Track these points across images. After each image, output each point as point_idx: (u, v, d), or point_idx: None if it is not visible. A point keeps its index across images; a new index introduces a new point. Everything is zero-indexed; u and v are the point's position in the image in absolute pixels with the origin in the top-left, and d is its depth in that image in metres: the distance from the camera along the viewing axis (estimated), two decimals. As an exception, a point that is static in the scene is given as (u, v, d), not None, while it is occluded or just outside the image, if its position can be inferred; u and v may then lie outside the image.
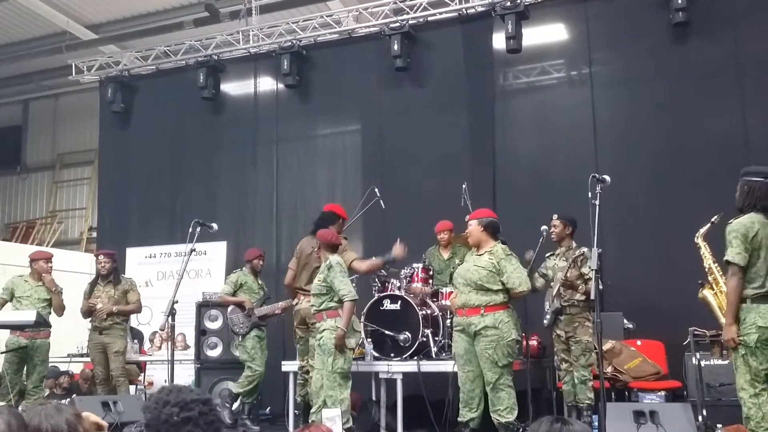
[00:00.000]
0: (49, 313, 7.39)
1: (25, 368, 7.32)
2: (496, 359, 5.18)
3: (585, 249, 5.80)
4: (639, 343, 6.73)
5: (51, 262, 7.57)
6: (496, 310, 5.30)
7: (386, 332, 6.55)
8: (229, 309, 7.33)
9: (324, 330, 5.71)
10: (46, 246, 14.22)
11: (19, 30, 12.73)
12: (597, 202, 4.45)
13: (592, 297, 4.41)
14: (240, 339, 7.29)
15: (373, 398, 6.99)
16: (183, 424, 2.06)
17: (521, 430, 5.42)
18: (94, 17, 12.31)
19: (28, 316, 7.01)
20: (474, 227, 5.41)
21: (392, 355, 6.49)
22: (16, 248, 11.36)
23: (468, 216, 5.47)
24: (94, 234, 13.60)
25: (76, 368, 9.28)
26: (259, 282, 7.52)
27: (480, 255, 5.40)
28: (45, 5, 11.66)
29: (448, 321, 6.77)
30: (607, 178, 4.57)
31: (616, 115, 7.82)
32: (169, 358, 5.71)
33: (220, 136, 9.77)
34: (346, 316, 5.59)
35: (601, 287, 5.02)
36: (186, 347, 8.81)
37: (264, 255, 7.70)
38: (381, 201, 7.45)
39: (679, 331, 6.13)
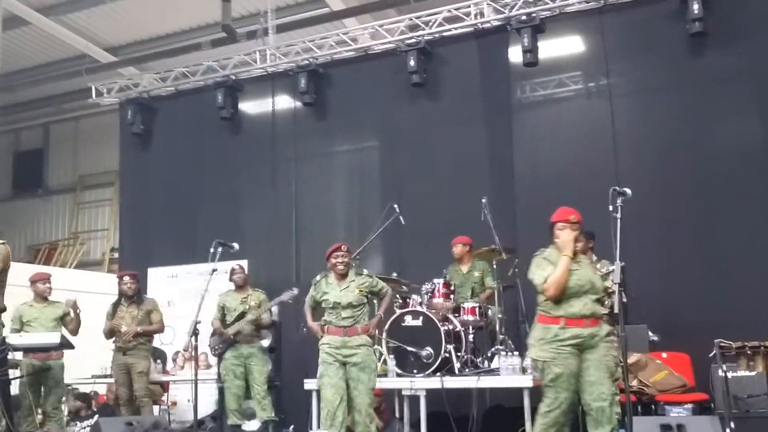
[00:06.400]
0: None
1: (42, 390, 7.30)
2: None
3: (606, 262, 5.74)
4: (664, 355, 6.65)
5: (49, 282, 7.60)
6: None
7: (408, 348, 6.52)
8: (210, 332, 7.43)
9: (360, 345, 5.66)
10: (69, 267, 14.37)
11: (39, 54, 12.93)
12: (618, 215, 4.41)
13: (616, 311, 4.37)
14: (218, 362, 7.46)
15: (397, 415, 6.97)
16: None
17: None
18: (113, 40, 12.49)
19: (53, 338, 7.05)
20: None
21: (415, 371, 6.45)
22: (39, 270, 11.46)
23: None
24: (116, 255, 13.70)
25: (100, 389, 9.33)
26: (243, 297, 7.53)
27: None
28: (65, 29, 11.85)
29: (470, 336, 6.77)
30: (628, 191, 4.52)
31: (635, 126, 7.78)
32: (194, 378, 5.72)
33: (239, 156, 9.81)
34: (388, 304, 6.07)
35: (624, 300, 4.97)
36: (208, 366, 8.81)
37: (240, 268, 7.70)
38: (401, 217, 7.45)
39: (705, 343, 6.08)
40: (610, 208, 4.44)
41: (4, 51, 11.75)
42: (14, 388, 6.97)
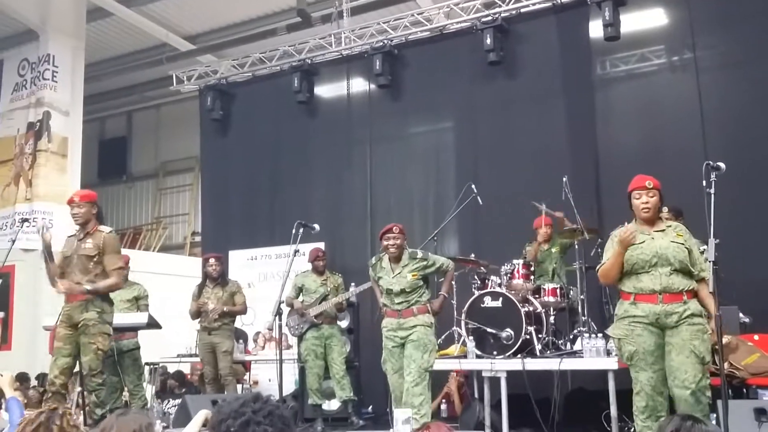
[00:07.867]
0: None
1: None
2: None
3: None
4: (756, 337, 6.37)
5: (127, 266, 7.76)
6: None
7: (488, 330, 6.45)
8: (287, 312, 7.45)
9: (416, 326, 5.76)
10: (153, 251, 14.80)
11: (121, 44, 13.31)
12: (712, 191, 4.23)
13: (711, 290, 4.20)
14: (297, 342, 7.56)
15: (476, 396, 6.94)
16: (244, 428, 2.08)
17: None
18: (191, 28, 12.75)
19: (141, 318, 7.27)
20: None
21: (495, 353, 6.39)
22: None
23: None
24: (197, 238, 14.07)
25: (184, 369, 9.62)
26: (323, 280, 7.63)
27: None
28: (145, 19, 12.15)
29: (552, 318, 6.66)
30: (722, 165, 4.33)
31: (723, 101, 7.46)
32: (278, 358, 5.81)
33: (315, 139, 9.88)
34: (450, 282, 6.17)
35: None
36: (288, 347, 8.95)
37: (322, 253, 7.80)
38: (478, 197, 7.38)
39: (800, 325, 5.84)
40: (704, 183, 4.26)
41: (89, 42, 12.15)
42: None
